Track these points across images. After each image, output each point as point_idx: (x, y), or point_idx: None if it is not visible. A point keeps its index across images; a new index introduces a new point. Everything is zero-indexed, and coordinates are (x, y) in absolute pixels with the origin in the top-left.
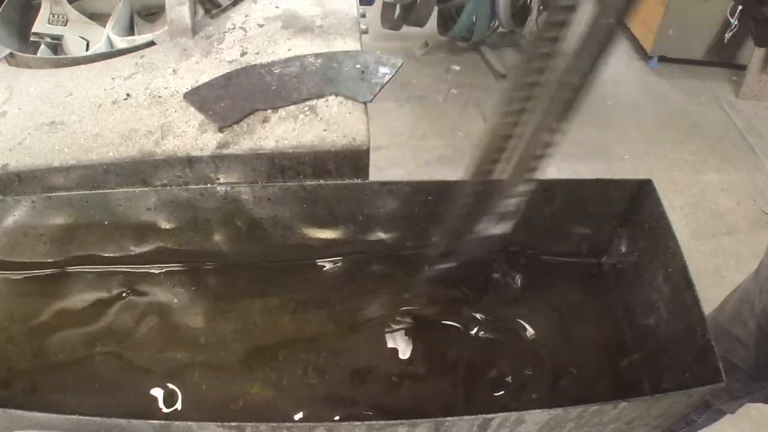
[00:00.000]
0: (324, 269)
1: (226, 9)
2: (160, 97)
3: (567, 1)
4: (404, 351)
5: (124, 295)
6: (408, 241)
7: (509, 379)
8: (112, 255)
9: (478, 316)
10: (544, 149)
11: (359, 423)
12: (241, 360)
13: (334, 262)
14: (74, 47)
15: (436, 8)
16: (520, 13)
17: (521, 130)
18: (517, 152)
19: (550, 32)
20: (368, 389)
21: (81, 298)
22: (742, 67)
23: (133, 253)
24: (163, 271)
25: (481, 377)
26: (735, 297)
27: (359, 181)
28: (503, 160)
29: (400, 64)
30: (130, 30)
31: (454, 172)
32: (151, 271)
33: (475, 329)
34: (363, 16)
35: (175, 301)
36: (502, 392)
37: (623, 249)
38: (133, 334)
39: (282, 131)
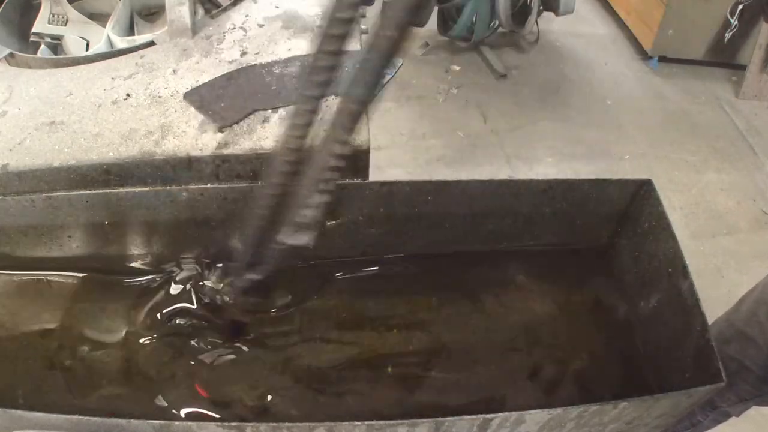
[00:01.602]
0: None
1: (226, 9)
2: (160, 97)
3: (342, 14)
4: None
5: (124, 294)
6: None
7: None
8: (112, 255)
9: None
10: (336, 161)
11: (359, 423)
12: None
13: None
14: (74, 47)
15: (436, 8)
16: (520, 13)
17: (310, 142)
18: (309, 164)
19: (330, 46)
20: None
21: (81, 298)
22: (742, 67)
23: (133, 253)
24: (163, 270)
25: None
26: (751, 298)
27: (359, 181)
28: (298, 171)
29: (400, 64)
30: (130, 30)
31: (454, 172)
32: (151, 270)
33: None
34: (363, 16)
35: (175, 299)
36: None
37: (623, 249)
38: (135, 334)
39: (282, 131)
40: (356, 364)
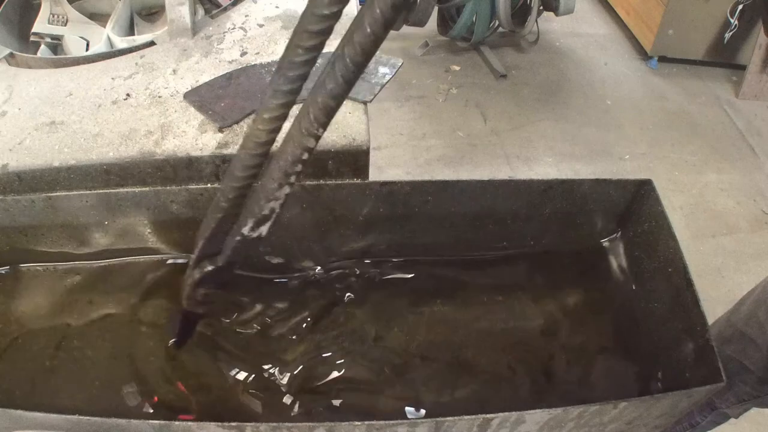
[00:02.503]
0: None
1: (226, 9)
2: (160, 97)
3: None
4: None
5: (123, 294)
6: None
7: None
8: (110, 254)
9: None
10: (306, 154)
11: (359, 423)
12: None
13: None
14: (74, 47)
15: (436, 8)
16: (520, 13)
17: (280, 136)
18: (277, 156)
19: (308, 41)
20: None
21: (79, 297)
22: (742, 67)
23: (131, 252)
24: (163, 270)
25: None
26: (751, 298)
27: (359, 181)
28: (263, 164)
29: (400, 64)
30: (130, 30)
31: (454, 172)
32: (150, 269)
33: None
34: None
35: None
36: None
37: (623, 249)
38: (134, 332)
39: (282, 131)
40: (356, 364)
